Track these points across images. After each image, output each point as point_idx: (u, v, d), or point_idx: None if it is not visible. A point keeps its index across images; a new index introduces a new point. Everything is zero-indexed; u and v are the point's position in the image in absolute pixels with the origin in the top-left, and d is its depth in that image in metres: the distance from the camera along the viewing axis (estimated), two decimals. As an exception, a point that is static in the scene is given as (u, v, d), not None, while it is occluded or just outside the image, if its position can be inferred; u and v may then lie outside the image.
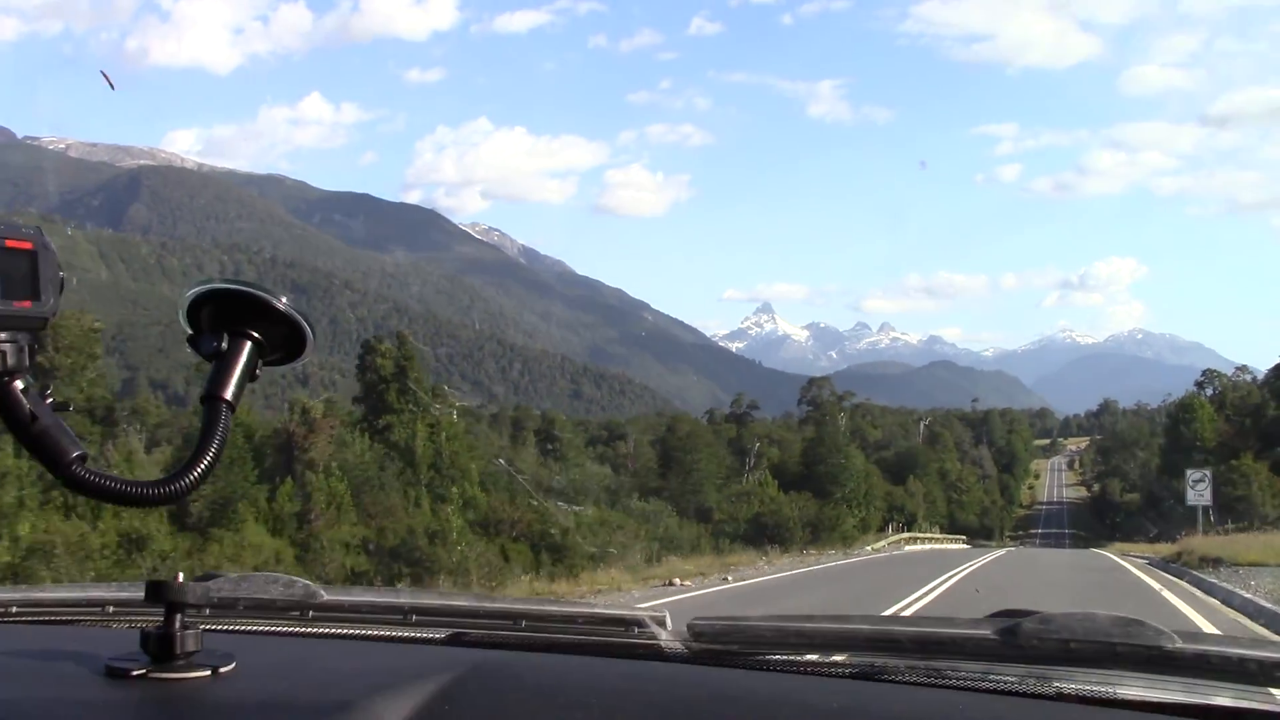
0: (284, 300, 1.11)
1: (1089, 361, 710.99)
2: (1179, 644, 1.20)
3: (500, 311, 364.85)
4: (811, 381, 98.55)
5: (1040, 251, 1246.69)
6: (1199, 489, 38.75)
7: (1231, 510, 51.61)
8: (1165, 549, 35.37)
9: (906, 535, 60.62)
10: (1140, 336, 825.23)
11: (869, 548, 47.56)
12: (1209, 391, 79.91)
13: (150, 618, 1.22)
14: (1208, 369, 76.68)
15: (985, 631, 1.31)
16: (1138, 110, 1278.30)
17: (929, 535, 66.80)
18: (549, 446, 62.02)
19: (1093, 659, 1.26)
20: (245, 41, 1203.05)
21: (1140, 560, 32.46)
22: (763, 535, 44.32)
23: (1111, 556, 36.89)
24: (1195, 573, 22.10)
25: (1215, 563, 22.97)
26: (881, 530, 65.20)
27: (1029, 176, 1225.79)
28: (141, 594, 1.15)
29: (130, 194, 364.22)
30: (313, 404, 42.05)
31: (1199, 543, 29.21)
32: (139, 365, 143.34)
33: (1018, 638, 1.27)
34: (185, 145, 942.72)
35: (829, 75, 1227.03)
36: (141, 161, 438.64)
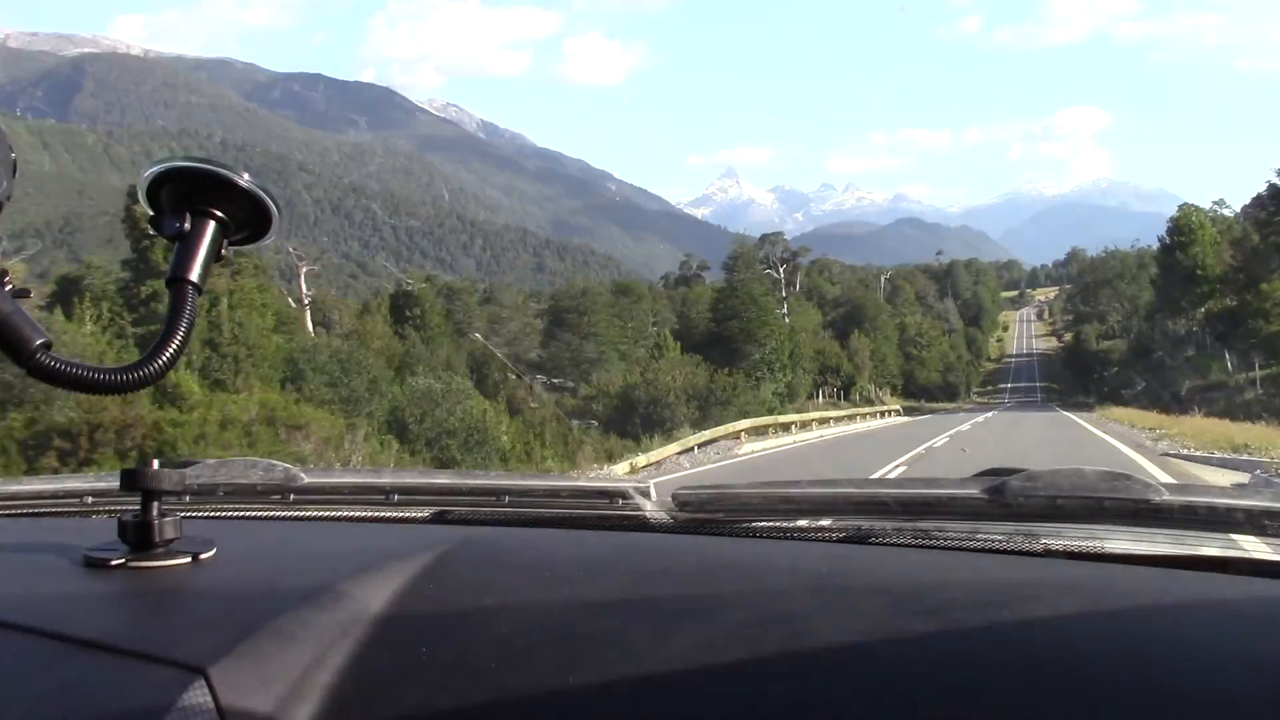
0: (246, 177, 1.09)
1: (1055, 213, 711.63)
2: (1166, 496, 1.22)
3: (461, 188, 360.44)
4: (763, 239, 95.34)
5: (1004, 105, 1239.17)
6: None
7: (1270, 349, 46.74)
8: (1196, 425, 29.29)
9: (816, 414, 44.03)
10: (1105, 186, 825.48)
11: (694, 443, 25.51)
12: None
13: (128, 507, 1.19)
14: (1184, 203, 69.21)
15: (972, 491, 1.32)
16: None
17: (851, 409, 51.22)
18: (407, 315, 50.43)
19: (1080, 514, 1.26)
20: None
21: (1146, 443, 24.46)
22: (634, 417, 35.24)
23: (1105, 437, 28.16)
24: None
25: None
26: (812, 398, 58.18)
27: (991, 27, 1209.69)
28: (110, 480, 1.12)
29: (74, 83, 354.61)
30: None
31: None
32: (87, 256, 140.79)
33: (1004, 496, 1.28)
34: (132, 32, 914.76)
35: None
36: (85, 50, 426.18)
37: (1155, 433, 28.52)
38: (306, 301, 47.95)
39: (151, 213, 1.11)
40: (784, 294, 73.61)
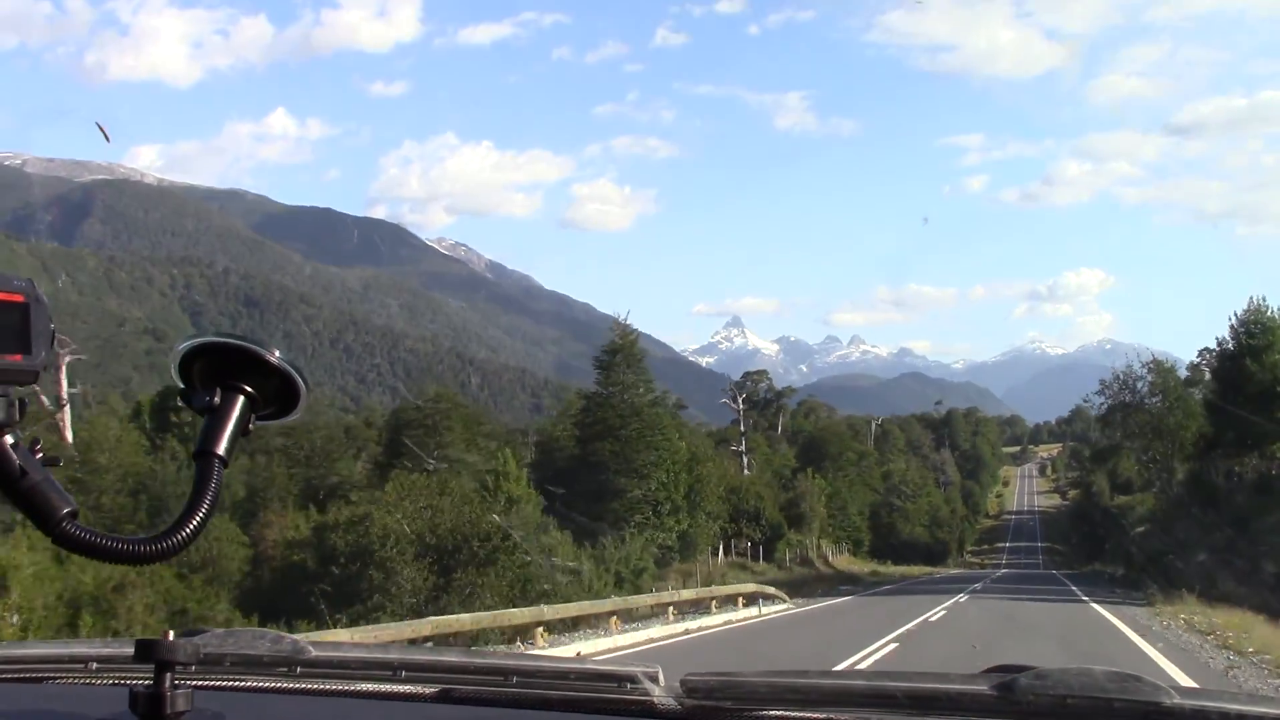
0: (277, 353, 1.09)
1: (1059, 372, 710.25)
2: (1177, 700, 1.17)
3: (465, 326, 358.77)
4: (746, 376, 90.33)
5: (1009, 263, 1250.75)
6: None
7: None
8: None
9: (697, 591, 27.51)
10: (1109, 346, 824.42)
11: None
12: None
13: (136, 675, 1.17)
14: (1204, 348, 59.20)
15: (981, 687, 1.28)
16: (1104, 120, 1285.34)
17: (705, 591, 28.02)
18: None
19: (1090, 715, 1.22)
20: (205, 55, 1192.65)
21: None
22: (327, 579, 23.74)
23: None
24: None
25: None
26: (718, 553, 47.39)
27: (996, 187, 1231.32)
28: (124, 650, 1.12)
29: (83, 209, 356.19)
30: None
31: None
32: (74, 379, 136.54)
33: (1014, 693, 1.25)
34: (147, 161, 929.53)
35: (796, 87, 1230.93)
36: (99, 177, 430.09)
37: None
38: (65, 402, 40.76)
39: (182, 385, 1.10)
40: (743, 428, 66.90)
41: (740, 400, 68.91)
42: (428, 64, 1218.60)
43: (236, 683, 1.53)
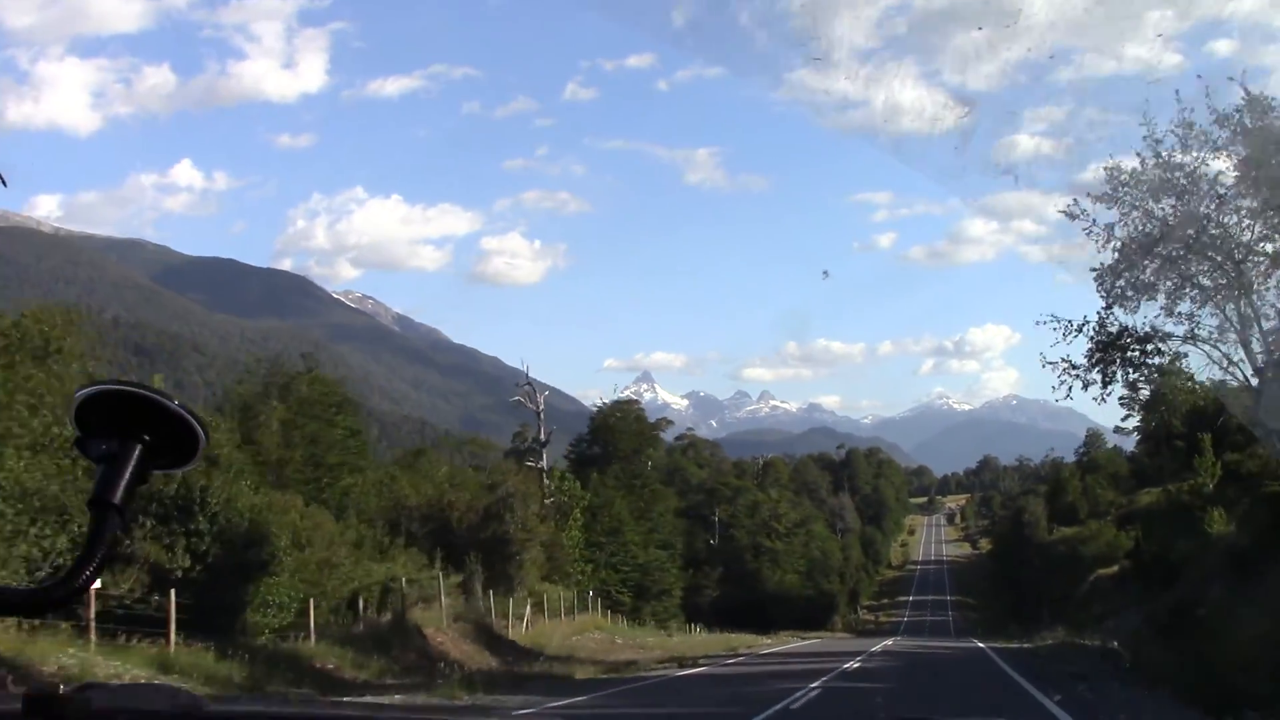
0: (175, 402, 1.07)
1: (966, 428, 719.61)
2: None
3: (366, 378, 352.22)
4: (615, 404, 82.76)
5: (917, 319, 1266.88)
6: None
7: None
8: None
9: None
10: (1015, 403, 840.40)
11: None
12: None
13: None
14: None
15: None
16: (1008, 179, 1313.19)
17: None
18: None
19: None
20: (107, 104, 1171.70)
21: None
22: None
23: None
24: None
25: None
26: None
27: (905, 244, 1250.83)
28: (8, 704, 1.09)
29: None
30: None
31: None
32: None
33: None
34: (46, 210, 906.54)
35: (705, 143, 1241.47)
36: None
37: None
38: None
39: (79, 433, 1.07)
40: (543, 434, 58.81)
41: (539, 399, 59.30)
42: (335, 116, 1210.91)
43: None
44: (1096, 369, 25.30)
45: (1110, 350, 25.00)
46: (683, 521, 68.78)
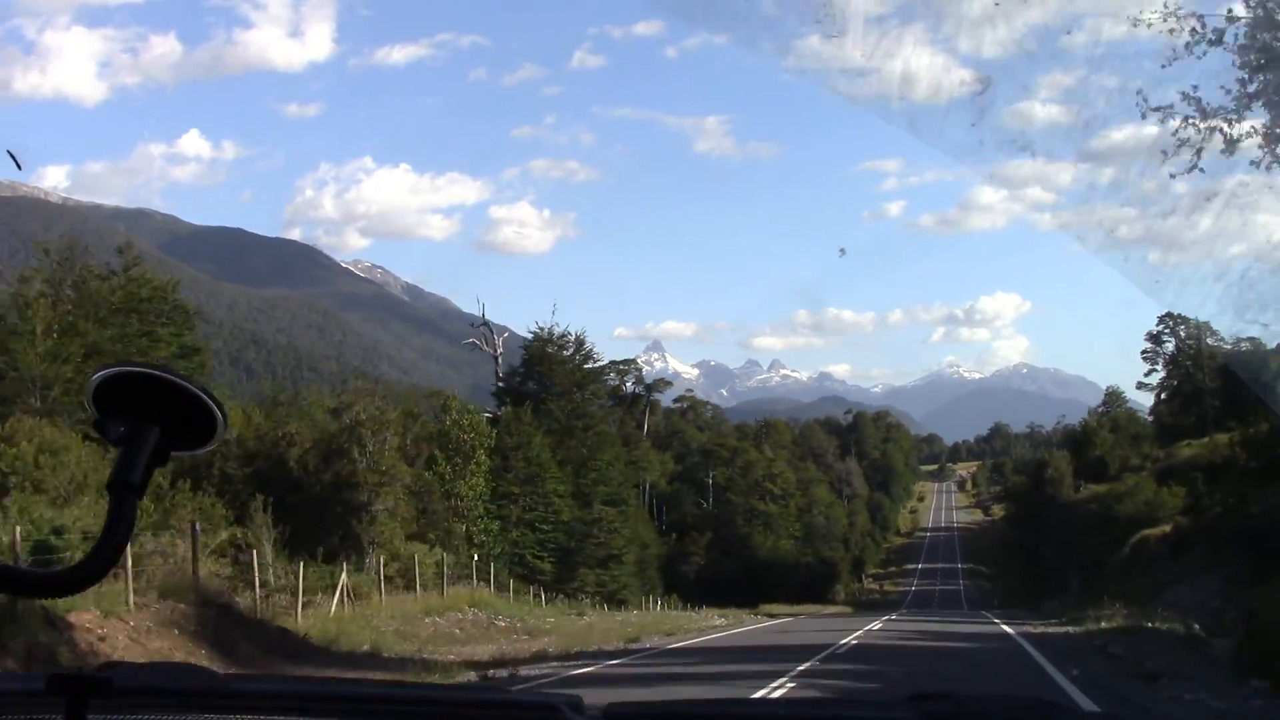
0: (193, 384, 1.07)
1: (976, 397, 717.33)
2: None
3: (374, 347, 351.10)
4: (611, 364, 78.07)
5: (927, 288, 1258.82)
6: None
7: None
8: None
9: None
10: (1025, 371, 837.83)
11: None
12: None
13: (46, 710, 1.16)
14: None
15: (905, 715, 1.27)
16: (1019, 146, 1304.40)
17: None
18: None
19: None
20: (113, 74, 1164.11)
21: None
22: None
23: None
24: None
25: None
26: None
27: (914, 213, 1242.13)
28: (32, 684, 1.10)
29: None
30: None
31: None
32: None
33: None
34: (54, 181, 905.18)
35: (715, 111, 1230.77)
36: (3, 195, 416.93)
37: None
38: None
39: (97, 415, 1.07)
40: (500, 376, 54.40)
41: (497, 344, 54.60)
42: (343, 85, 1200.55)
43: (150, 717, 1.47)
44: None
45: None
46: (678, 486, 65.65)
